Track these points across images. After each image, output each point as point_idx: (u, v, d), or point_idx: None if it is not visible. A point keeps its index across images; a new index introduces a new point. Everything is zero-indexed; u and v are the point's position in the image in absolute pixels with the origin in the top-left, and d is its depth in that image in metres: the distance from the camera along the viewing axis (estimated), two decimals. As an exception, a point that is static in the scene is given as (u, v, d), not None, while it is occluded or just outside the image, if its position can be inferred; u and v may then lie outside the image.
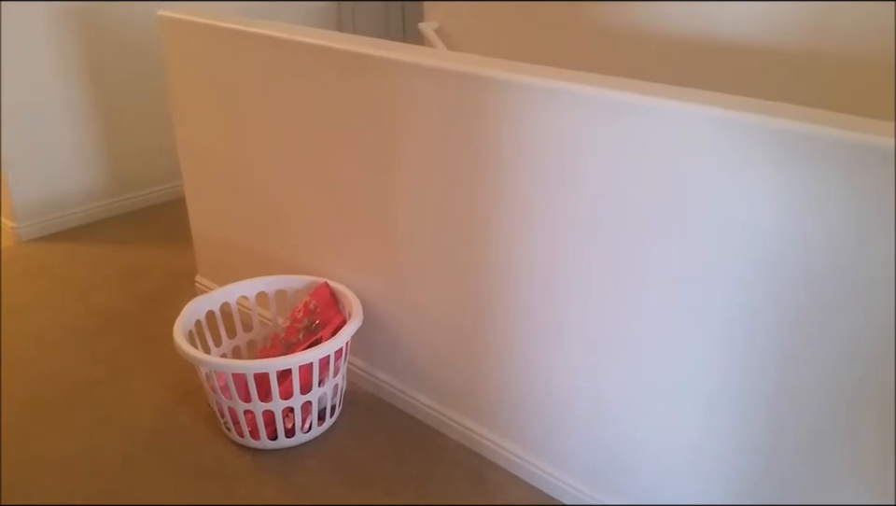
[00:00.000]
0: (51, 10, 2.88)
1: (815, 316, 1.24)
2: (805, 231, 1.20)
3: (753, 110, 1.22)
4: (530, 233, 1.58)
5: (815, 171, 1.16)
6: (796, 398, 1.30)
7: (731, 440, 1.42)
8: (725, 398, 1.39)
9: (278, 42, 1.91)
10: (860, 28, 2.11)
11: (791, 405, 1.31)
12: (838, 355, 1.23)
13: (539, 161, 1.50)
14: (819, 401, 1.28)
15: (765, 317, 1.29)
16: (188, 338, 1.90)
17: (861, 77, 2.15)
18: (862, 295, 1.18)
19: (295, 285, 2.11)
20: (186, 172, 2.44)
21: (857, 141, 1.12)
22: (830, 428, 1.28)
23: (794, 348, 1.28)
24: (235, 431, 1.91)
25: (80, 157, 3.12)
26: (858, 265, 1.17)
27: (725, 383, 1.38)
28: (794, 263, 1.23)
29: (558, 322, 1.60)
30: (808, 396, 1.29)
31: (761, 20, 2.27)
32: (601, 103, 1.37)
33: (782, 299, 1.26)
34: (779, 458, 1.36)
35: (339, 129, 1.87)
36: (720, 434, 1.43)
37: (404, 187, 1.78)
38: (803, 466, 1.34)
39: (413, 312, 1.92)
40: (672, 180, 1.33)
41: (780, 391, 1.32)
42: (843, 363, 1.23)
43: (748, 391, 1.36)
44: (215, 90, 2.17)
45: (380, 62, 1.70)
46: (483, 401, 1.85)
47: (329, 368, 1.88)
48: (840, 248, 1.18)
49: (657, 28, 2.50)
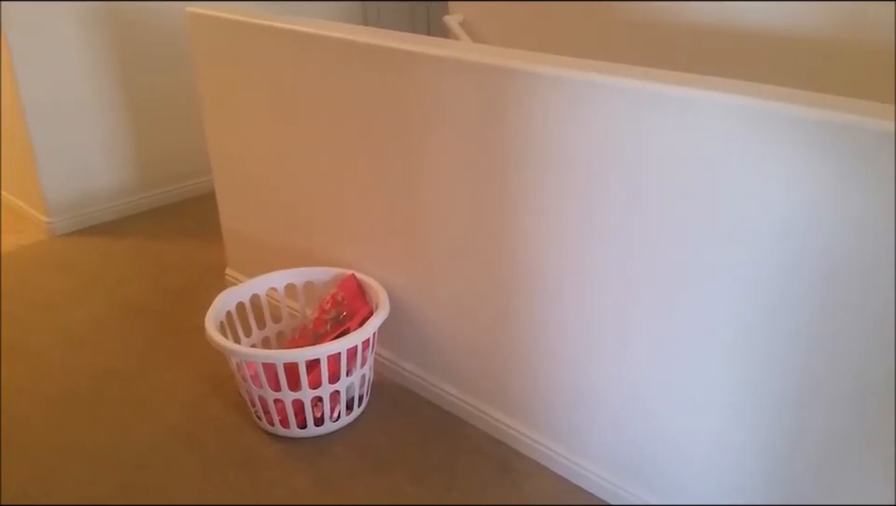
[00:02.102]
0: (82, 9, 2.94)
1: (841, 311, 1.24)
2: (831, 223, 1.20)
3: (782, 99, 1.22)
4: (558, 226, 1.59)
5: (841, 161, 1.16)
6: (820, 394, 1.30)
7: (755, 435, 1.42)
8: (750, 393, 1.40)
9: (305, 37, 1.94)
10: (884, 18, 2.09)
11: (816, 401, 1.31)
12: (863, 350, 1.23)
13: (567, 155, 1.51)
14: (844, 397, 1.28)
15: (791, 312, 1.29)
16: (219, 329, 1.93)
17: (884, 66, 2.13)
18: (889, 288, 1.18)
19: (323, 277, 2.14)
20: (215, 167, 2.48)
21: (883, 129, 1.11)
22: (854, 426, 1.28)
23: (819, 343, 1.28)
24: (266, 420, 1.94)
25: (111, 153, 3.18)
26: (884, 258, 1.17)
27: (750, 378, 1.39)
28: (819, 256, 1.23)
29: (586, 314, 1.62)
30: (833, 392, 1.29)
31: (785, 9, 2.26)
32: (632, 94, 1.38)
33: (807, 293, 1.26)
34: (803, 455, 1.36)
35: (366, 123, 1.89)
36: (744, 429, 1.43)
37: (431, 180, 1.80)
38: (827, 464, 1.34)
39: (439, 303, 1.94)
40: (699, 175, 1.33)
41: (805, 387, 1.32)
42: (868, 358, 1.23)
43: (772, 386, 1.36)
44: (243, 85, 2.20)
45: (406, 55, 1.72)
46: (509, 392, 1.87)
47: (356, 358, 1.91)
48: (866, 241, 1.18)
49: (683, 20, 2.49)
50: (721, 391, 1.44)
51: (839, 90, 2.21)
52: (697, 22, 2.46)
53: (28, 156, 2.99)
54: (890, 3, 2.07)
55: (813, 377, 1.31)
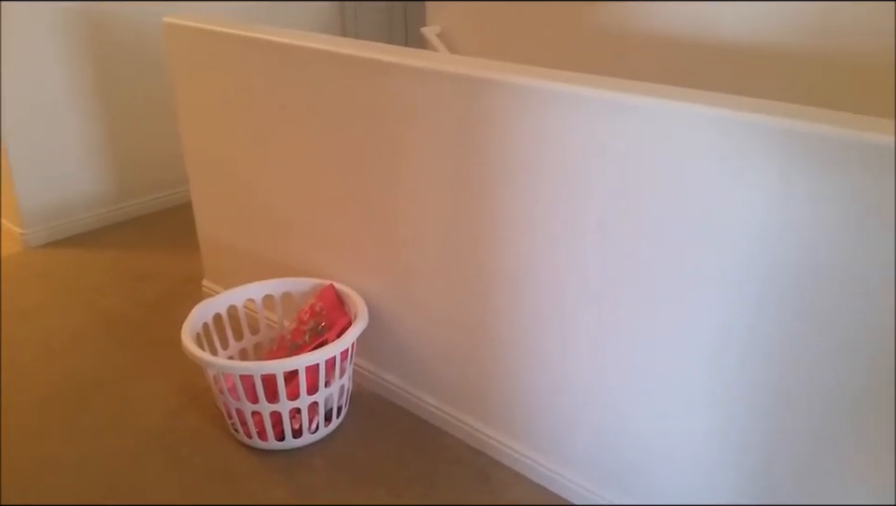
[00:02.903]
0: (56, 14, 2.91)
1: (817, 315, 1.25)
2: (807, 231, 1.22)
3: (756, 110, 1.24)
4: (535, 234, 1.59)
5: (816, 170, 1.18)
6: (798, 396, 1.32)
7: (734, 438, 1.43)
8: (728, 396, 1.41)
9: (282, 47, 1.94)
10: (861, 28, 2.12)
11: (795, 405, 1.33)
12: (840, 354, 1.25)
13: (543, 163, 1.52)
14: (822, 400, 1.29)
15: (769, 316, 1.31)
16: (195, 341, 1.92)
17: (863, 77, 2.16)
18: (864, 294, 1.19)
19: (301, 287, 2.13)
20: (192, 177, 2.46)
21: (857, 139, 1.13)
22: (833, 427, 1.30)
23: (797, 347, 1.29)
24: (243, 432, 1.93)
25: (87, 162, 3.15)
26: (859, 264, 1.18)
27: (728, 381, 1.40)
28: (796, 262, 1.24)
29: (563, 322, 1.62)
30: (810, 395, 1.30)
31: (762, 20, 2.29)
32: (604, 105, 1.39)
33: (785, 298, 1.28)
34: (782, 459, 1.38)
35: (343, 133, 1.89)
36: (724, 432, 1.44)
37: (409, 189, 1.80)
38: (806, 467, 1.35)
39: (417, 313, 1.94)
40: (675, 182, 1.34)
41: (783, 390, 1.33)
42: (845, 362, 1.25)
43: (750, 389, 1.37)
44: (220, 95, 2.19)
45: (383, 66, 1.72)
46: (488, 401, 1.87)
47: (335, 369, 1.90)
48: (842, 247, 1.19)
49: (659, 30, 2.52)
50: (700, 395, 1.45)
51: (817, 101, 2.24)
52: (675, 32, 2.49)
53: (2, 166, 2.96)
54: (863, 7, 2.10)
55: (791, 380, 1.32)
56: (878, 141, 1.11)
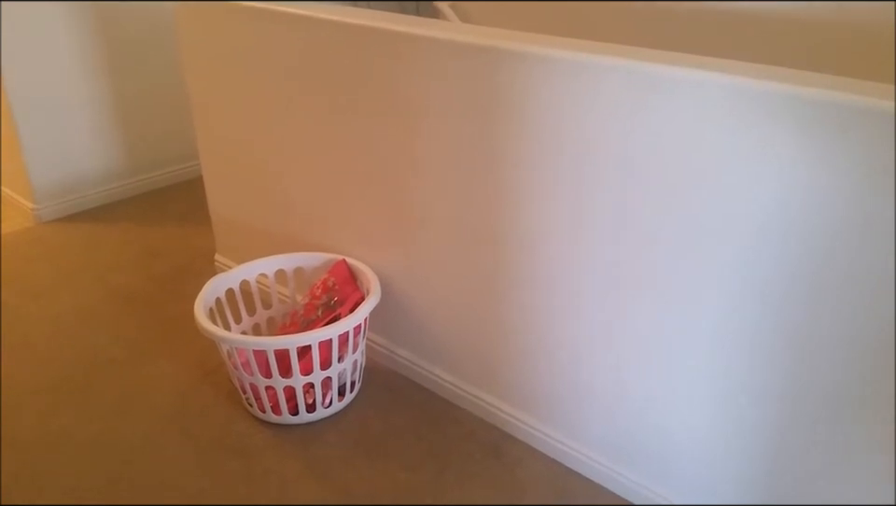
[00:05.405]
0: (66, -8, 2.89)
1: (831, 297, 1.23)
2: (818, 221, 1.20)
3: (773, 78, 1.21)
4: (549, 209, 1.58)
5: (834, 138, 1.16)
6: (809, 385, 1.30)
7: (745, 424, 1.42)
8: (739, 381, 1.40)
9: (293, 18, 1.91)
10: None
11: (803, 394, 1.31)
12: (848, 345, 1.23)
13: (559, 135, 1.50)
14: (833, 390, 1.28)
15: (778, 306, 1.29)
16: (208, 316, 1.92)
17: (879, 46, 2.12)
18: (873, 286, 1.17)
19: (313, 262, 2.13)
20: (203, 152, 2.45)
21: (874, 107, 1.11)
22: (842, 420, 1.29)
23: (805, 336, 1.27)
24: (257, 407, 1.93)
25: (98, 138, 3.14)
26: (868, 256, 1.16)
27: (738, 368, 1.39)
28: (807, 253, 1.23)
29: (576, 298, 1.61)
30: (822, 383, 1.29)
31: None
32: (621, 73, 1.36)
33: (794, 289, 1.26)
34: (789, 446, 1.36)
35: (358, 107, 1.87)
36: (734, 416, 1.43)
37: (422, 164, 1.79)
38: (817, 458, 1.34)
39: (430, 288, 1.93)
40: (690, 155, 1.32)
41: (791, 379, 1.32)
42: (853, 353, 1.23)
43: (760, 378, 1.36)
44: (230, 70, 2.17)
45: (397, 36, 1.70)
46: (501, 375, 1.87)
47: (348, 344, 1.90)
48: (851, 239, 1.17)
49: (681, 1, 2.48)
50: (710, 377, 1.44)
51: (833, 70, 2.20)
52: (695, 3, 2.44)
53: (13, 142, 2.95)
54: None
55: (799, 369, 1.31)
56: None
